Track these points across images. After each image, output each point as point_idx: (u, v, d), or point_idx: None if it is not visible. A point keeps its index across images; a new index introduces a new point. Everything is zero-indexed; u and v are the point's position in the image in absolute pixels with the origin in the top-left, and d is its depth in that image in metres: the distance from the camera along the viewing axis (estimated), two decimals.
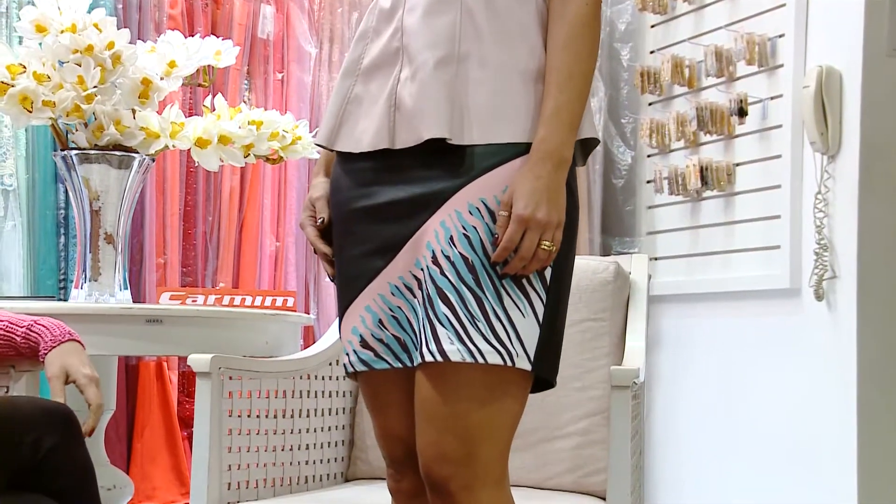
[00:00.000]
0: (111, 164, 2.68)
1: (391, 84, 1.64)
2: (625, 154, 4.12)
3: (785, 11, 3.38)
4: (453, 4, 1.62)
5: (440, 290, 1.58)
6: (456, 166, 1.60)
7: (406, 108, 1.62)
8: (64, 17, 2.55)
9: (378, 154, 1.65)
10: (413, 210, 1.62)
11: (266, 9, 3.84)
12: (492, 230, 1.58)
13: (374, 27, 1.70)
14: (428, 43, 1.62)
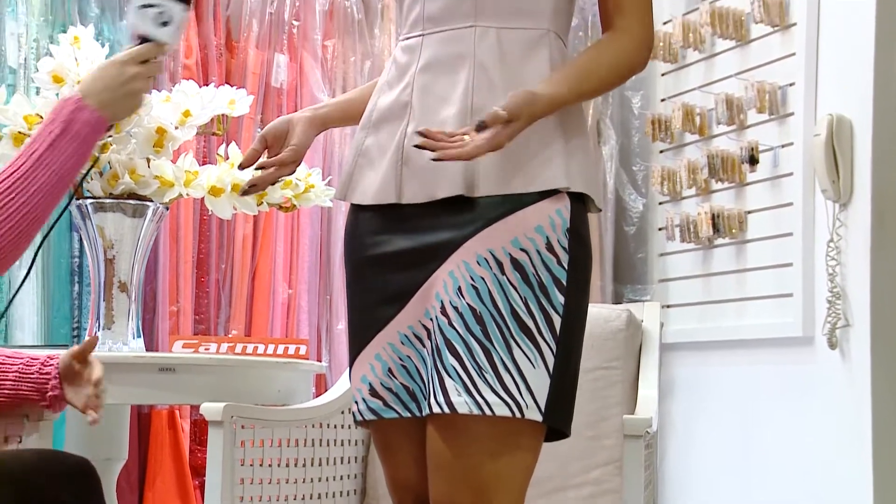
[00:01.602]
0: (126, 213, 2.70)
1: (398, 138, 1.66)
2: (636, 201, 4.13)
3: (795, 60, 3.40)
4: (466, 60, 1.64)
5: (448, 340, 1.58)
6: (464, 216, 1.61)
7: (414, 163, 1.63)
8: (80, 68, 2.58)
9: (386, 205, 1.66)
10: (422, 259, 1.63)
11: (280, 58, 3.88)
12: (500, 281, 1.58)
13: (388, 81, 1.72)
14: (440, 98, 1.64)
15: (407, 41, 1.70)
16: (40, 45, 3.48)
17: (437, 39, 1.66)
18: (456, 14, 1.65)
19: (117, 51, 3.51)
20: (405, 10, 1.71)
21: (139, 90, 1.71)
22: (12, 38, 3.46)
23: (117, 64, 1.70)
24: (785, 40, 3.47)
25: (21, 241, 1.64)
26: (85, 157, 1.68)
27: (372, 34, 3.98)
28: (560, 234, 1.60)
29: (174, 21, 1.69)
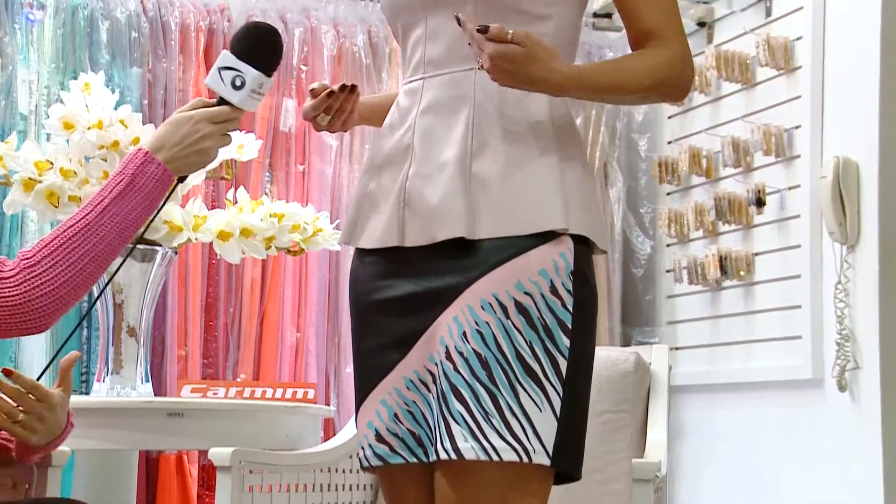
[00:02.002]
0: (135, 258, 2.70)
1: (400, 180, 1.66)
2: (644, 244, 4.13)
3: (801, 103, 3.41)
4: (466, 102, 1.64)
5: (454, 386, 1.58)
6: (467, 260, 1.61)
7: (416, 206, 1.64)
8: (91, 115, 2.60)
9: (390, 248, 1.67)
10: (426, 304, 1.63)
11: (288, 102, 3.90)
12: (504, 326, 1.58)
13: (390, 124, 1.73)
14: (440, 140, 1.65)
15: (409, 85, 1.71)
16: (51, 91, 3.51)
17: (437, 82, 1.67)
18: (456, 57, 1.66)
19: (128, 97, 3.56)
20: (408, 54, 1.73)
21: (209, 148, 1.72)
22: (24, 85, 3.50)
23: (192, 121, 1.71)
24: (790, 83, 3.48)
25: (80, 289, 1.66)
26: (150, 210, 1.70)
27: (380, 78, 4.01)
28: (564, 276, 1.60)
29: (248, 85, 1.69)
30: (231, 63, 1.69)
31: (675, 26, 1.66)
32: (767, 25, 3.57)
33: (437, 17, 1.67)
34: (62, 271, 1.63)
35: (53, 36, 3.58)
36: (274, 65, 1.72)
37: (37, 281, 1.63)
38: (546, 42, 1.57)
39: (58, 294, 1.63)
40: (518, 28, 1.60)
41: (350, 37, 3.98)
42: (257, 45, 1.71)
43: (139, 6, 3.73)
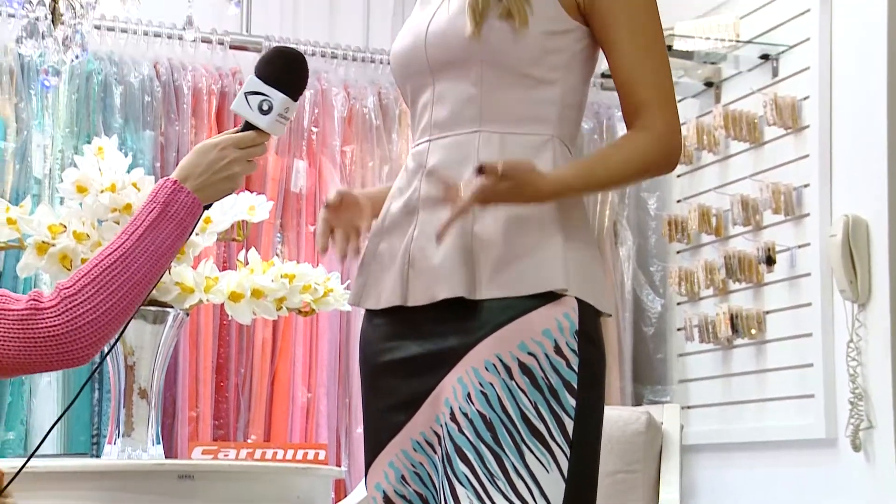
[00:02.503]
0: (146, 320, 2.71)
1: (406, 242, 1.68)
2: (654, 302, 4.13)
3: (809, 162, 3.43)
4: (469, 163, 1.66)
5: (459, 448, 1.58)
6: (471, 321, 1.61)
7: (419, 266, 1.65)
8: (104, 178, 2.63)
9: (396, 310, 1.68)
10: (431, 365, 1.64)
11: (299, 164, 3.93)
12: (509, 386, 1.58)
13: (399, 187, 1.74)
14: (443, 203, 1.66)
15: (416, 148, 1.73)
16: (65, 155, 3.54)
17: (442, 144, 1.69)
18: (461, 120, 1.68)
19: (140, 160, 3.59)
20: (417, 117, 1.75)
21: (237, 174, 1.73)
22: (38, 150, 3.54)
23: (218, 147, 1.72)
24: (798, 142, 3.50)
25: (120, 318, 1.66)
26: (182, 239, 1.71)
27: (390, 139, 4.04)
28: (568, 336, 1.60)
29: (275, 109, 1.69)
30: (258, 88, 1.69)
31: (665, 100, 1.67)
32: (774, 85, 3.59)
33: (445, 81, 1.69)
34: (103, 299, 1.64)
35: (68, 101, 3.62)
36: (300, 89, 1.73)
37: (79, 310, 1.63)
38: (529, 163, 1.60)
39: (100, 323, 1.63)
40: (523, 92, 1.62)
41: (360, 98, 4.02)
42: (284, 69, 1.71)
43: (152, 71, 3.78)
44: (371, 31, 4.26)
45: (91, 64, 3.65)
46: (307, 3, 4.21)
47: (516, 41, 1.64)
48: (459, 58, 1.67)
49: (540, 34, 1.65)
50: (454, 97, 1.68)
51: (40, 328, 1.62)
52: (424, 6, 1.78)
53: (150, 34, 3.81)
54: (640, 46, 1.66)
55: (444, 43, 1.69)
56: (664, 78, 1.68)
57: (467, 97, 1.66)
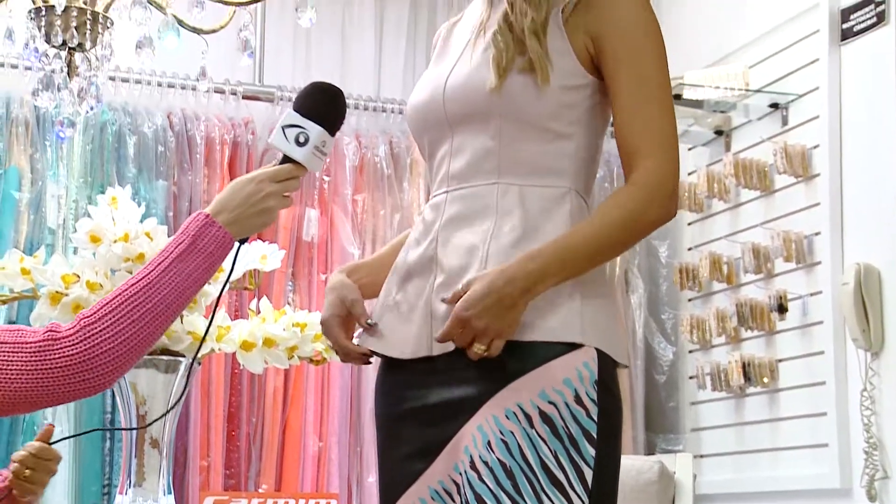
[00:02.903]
0: (158, 369, 2.71)
1: (427, 292, 1.68)
2: (666, 350, 4.12)
3: (820, 210, 3.43)
4: (489, 213, 1.67)
5: (479, 496, 1.58)
6: (490, 370, 1.62)
7: (439, 315, 1.65)
8: (117, 228, 2.64)
9: (413, 359, 1.68)
10: (450, 413, 1.64)
11: (311, 212, 3.95)
12: (529, 435, 1.58)
13: (416, 238, 1.75)
14: (462, 250, 1.67)
15: (434, 199, 1.75)
16: (79, 205, 3.57)
17: (460, 195, 1.70)
18: (479, 172, 1.69)
19: (153, 210, 3.61)
20: (434, 170, 1.77)
21: (272, 208, 1.72)
22: (52, 200, 3.56)
23: (254, 182, 1.71)
24: (809, 190, 3.51)
25: (139, 348, 1.64)
26: (209, 273, 1.69)
27: (401, 188, 4.05)
28: (588, 386, 1.61)
29: (311, 142, 1.69)
30: (295, 121, 1.69)
31: (659, 146, 1.66)
32: (784, 134, 3.60)
33: (463, 133, 1.71)
34: (123, 328, 1.62)
35: (82, 151, 3.65)
36: (337, 123, 1.73)
37: (98, 338, 1.61)
38: (496, 273, 1.60)
39: (118, 351, 1.62)
40: (541, 145, 1.64)
41: (372, 147, 4.05)
42: (320, 102, 1.72)
43: (166, 121, 3.81)
44: (382, 81, 4.29)
45: (105, 115, 3.68)
46: (319, 53, 4.25)
47: (536, 96, 1.66)
48: (479, 111, 1.69)
49: (558, 88, 1.67)
50: (472, 149, 1.69)
51: (57, 357, 1.61)
52: (441, 59, 1.80)
53: (164, 85, 3.85)
54: (641, 95, 1.66)
55: (464, 97, 1.70)
56: (663, 125, 1.67)
57: (486, 150, 1.68)
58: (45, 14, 2.49)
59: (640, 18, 1.68)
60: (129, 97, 3.82)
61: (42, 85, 2.50)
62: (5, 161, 3.58)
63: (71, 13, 2.48)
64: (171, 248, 1.68)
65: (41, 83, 2.50)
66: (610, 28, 1.67)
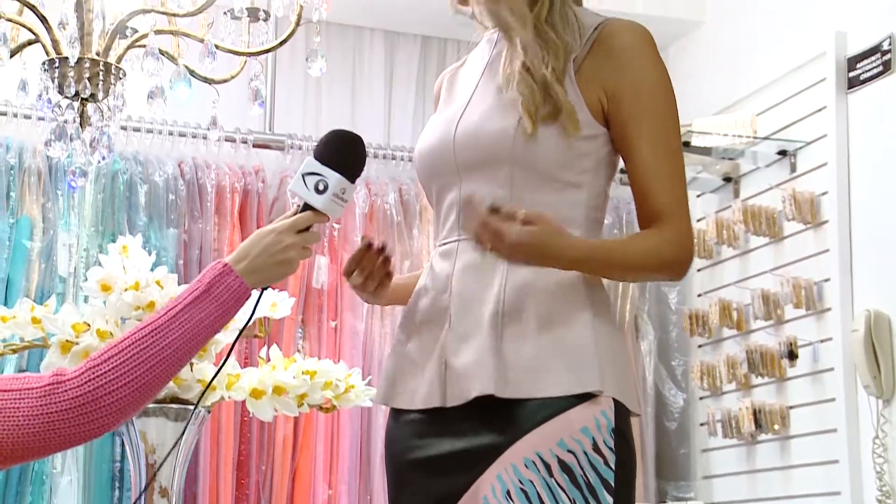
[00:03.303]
0: (168, 417, 2.71)
1: (441, 342, 1.68)
2: (677, 397, 4.11)
3: (829, 257, 3.43)
4: (500, 265, 1.68)
5: None
6: (508, 420, 1.62)
7: (454, 367, 1.66)
8: (128, 276, 2.65)
9: (447, 411, 1.68)
10: (467, 463, 1.63)
11: (321, 259, 3.96)
12: (548, 484, 1.58)
13: (426, 285, 1.76)
14: (476, 302, 1.67)
15: (444, 247, 1.75)
16: (90, 254, 3.58)
17: (472, 245, 1.70)
18: None
19: (164, 258, 3.63)
20: (443, 216, 1.77)
21: (292, 259, 1.72)
22: (64, 249, 3.58)
23: (275, 232, 1.72)
24: (818, 237, 3.51)
25: (144, 393, 1.63)
26: (222, 321, 1.69)
27: (411, 235, 4.07)
28: (606, 434, 1.61)
29: (330, 189, 1.69)
30: (314, 168, 1.70)
31: (680, 210, 1.69)
32: (793, 180, 3.61)
33: (473, 181, 1.71)
34: (129, 371, 1.62)
35: (94, 200, 3.67)
36: (357, 170, 1.73)
37: (102, 380, 1.61)
38: (554, 221, 1.61)
39: (123, 393, 1.61)
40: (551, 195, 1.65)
41: (381, 195, 4.06)
42: (340, 151, 1.72)
43: (177, 170, 3.83)
44: (392, 129, 4.32)
45: (117, 164, 3.71)
46: (329, 102, 4.28)
47: (553, 146, 1.67)
48: (492, 158, 1.70)
49: (570, 139, 1.68)
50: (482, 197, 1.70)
51: (62, 399, 1.60)
52: (448, 104, 1.81)
53: (175, 134, 3.88)
54: (659, 154, 1.68)
55: (476, 143, 1.71)
56: (680, 187, 1.70)
57: (497, 197, 1.68)
58: (58, 66, 2.51)
59: (656, 76, 1.69)
60: (141, 146, 3.85)
61: (55, 135, 2.52)
62: (17, 210, 3.61)
63: (84, 65, 2.51)
64: (184, 295, 1.68)
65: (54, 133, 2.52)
66: (626, 84, 1.68)
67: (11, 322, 2.57)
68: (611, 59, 1.69)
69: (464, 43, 1.93)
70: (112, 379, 1.62)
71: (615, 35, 1.70)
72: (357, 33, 4.34)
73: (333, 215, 1.74)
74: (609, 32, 1.71)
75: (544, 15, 1.71)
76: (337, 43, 4.27)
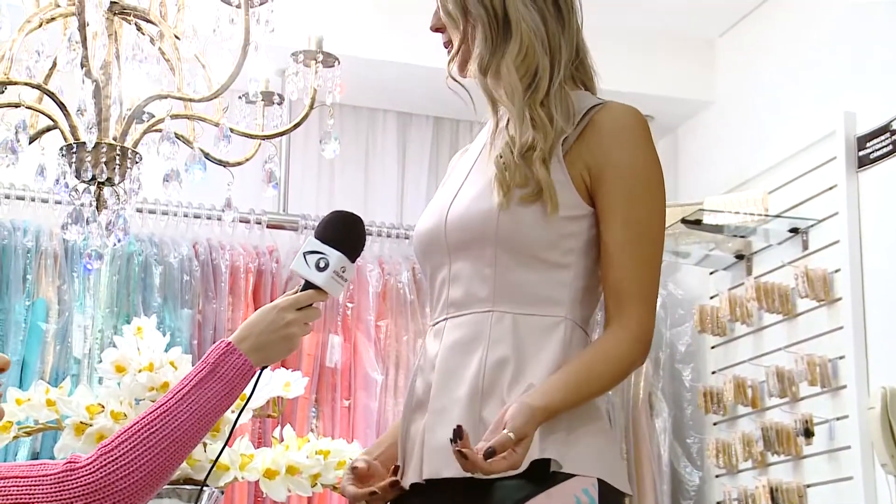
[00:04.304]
0: (181, 498, 2.70)
1: (426, 419, 1.69)
2: (692, 475, 4.08)
3: (843, 334, 3.42)
4: (481, 342, 1.67)
5: None
6: (489, 500, 1.61)
7: (430, 443, 1.66)
8: (142, 357, 2.66)
9: (422, 489, 1.67)
10: None
11: (334, 339, 3.97)
12: None
13: (420, 366, 1.76)
14: (454, 379, 1.67)
15: (435, 326, 1.76)
16: (105, 335, 3.60)
17: (457, 323, 1.70)
18: (475, 299, 1.70)
19: (178, 338, 3.64)
20: (435, 295, 1.78)
21: (295, 335, 1.74)
22: (79, 330, 3.60)
23: (276, 310, 1.74)
24: (832, 314, 3.50)
25: (158, 476, 1.63)
26: (229, 400, 1.70)
27: (423, 313, 4.08)
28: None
29: (331, 266, 1.72)
30: (315, 247, 1.73)
31: (641, 294, 1.66)
32: (805, 258, 3.62)
33: (461, 261, 1.72)
34: (140, 455, 1.62)
35: (109, 282, 3.70)
36: (357, 249, 1.76)
37: (114, 465, 1.61)
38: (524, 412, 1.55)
39: (136, 477, 1.61)
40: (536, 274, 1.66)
41: (395, 274, 4.08)
42: (340, 229, 1.75)
43: (191, 251, 3.86)
44: (405, 208, 4.36)
45: (132, 246, 3.74)
46: (342, 182, 4.33)
47: (537, 225, 1.67)
48: (477, 238, 1.70)
49: (558, 219, 1.67)
50: (470, 276, 1.70)
51: (76, 486, 1.60)
52: (447, 186, 1.83)
53: (190, 216, 3.92)
54: (631, 237, 1.66)
55: (464, 224, 1.71)
56: (647, 272, 1.67)
57: (482, 277, 1.69)
58: (76, 151, 2.55)
59: (639, 162, 1.68)
60: (156, 228, 3.89)
61: (71, 219, 2.54)
62: (34, 293, 3.63)
63: (101, 149, 2.54)
64: (191, 376, 1.70)
65: (70, 217, 2.55)
66: (608, 167, 1.67)
67: (26, 404, 2.58)
68: (599, 139, 1.68)
69: (476, 124, 1.95)
70: (124, 464, 1.62)
71: (607, 116, 1.70)
72: (370, 115, 4.40)
73: (334, 293, 1.76)
74: (602, 114, 1.70)
75: (539, 97, 1.71)
76: (350, 124, 4.33)
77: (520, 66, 1.72)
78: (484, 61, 1.74)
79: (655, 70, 4.14)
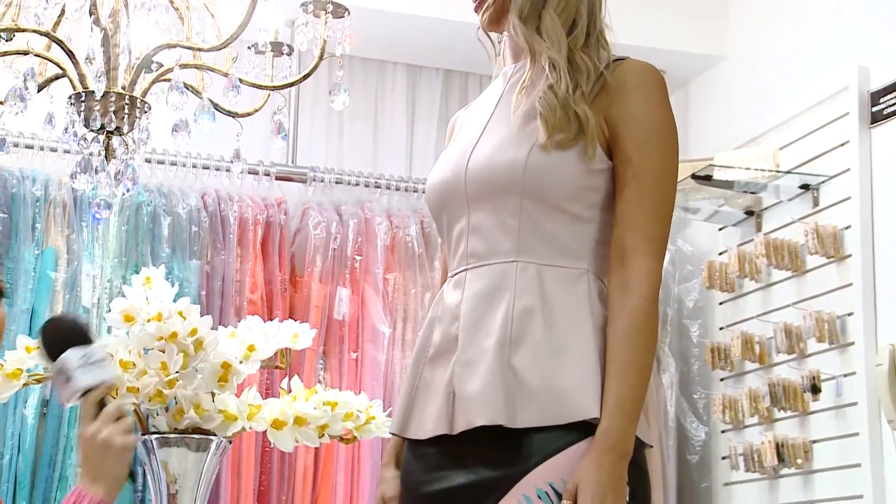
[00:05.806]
0: (189, 448, 2.71)
1: (450, 371, 1.69)
2: (698, 430, 4.09)
3: (852, 290, 3.42)
4: (507, 291, 1.68)
5: None
6: (519, 450, 1.62)
7: (461, 395, 1.66)
8: (151, 307, 2.66)
9: (443, 440, 1.68)
10: (479, 495, 1.64)
11: (342, 291, 3.97)
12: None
13: (438, 316, 1.76)
14: (482, 330, 1.68)
15: (454, 277, 1.76)
16: (114, 285, 3.61)
17: (480, 273, 1.71)
18: (498, 251, 1.71)
19: (186, 289, 3.65)
20: (452, 247, 1.78)
21: (122, 444, 1.82)
22: (88, 280, 3.61)
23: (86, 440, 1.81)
24: (841, 271, 3.50)
25: None
26: None
27: (432, 267, 4.08)
28: None
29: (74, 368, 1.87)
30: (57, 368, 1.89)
31: (647, 248, 1.67)
32: (816, 214, 3.61)
33: (482, 211, 1.73)
34: None
35: (117, 232, 3.70)
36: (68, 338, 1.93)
37: None
38: (587, 469, 1.58)
39: None
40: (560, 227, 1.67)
41: (403, 227, 4.08)
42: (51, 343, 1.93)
43: (199, 202, 3.86)
44: (413, 161, 4.35)
45: (141, 196, 3.74)
46: (351, 135, 4.32)
47: (562, 176, 1.68)
48: (502, 189, 1.70)
49: (582, 171, 1.69)
50: (492, 227, 1.71)
51: None
52: (461, 138, 1.82)
53: (199, 166, 3.91)
54: (640, 187, 1.68)
55: (487, 175, 1.72)
56: (656, 224, 1.68)
57: (506, 228, 1.69)
58: (84, 99, 2.54)
59: (655, 116, 1.71)
60: (165, 178, 3.88)
61: (80, 168, 2.54)
62: (43, 242, 3.64)
63: (110, 98, 2.53)
64: None
65: (79, 166, 2.54)
66: (624, 120, 1.69)
67: (36, 352, 2.59)
68: (617, 93, 1.71)
69: (486, 77, 1.95)
70: None
71: (626, 71, 1.73)
72: (380, 67, 4.38)
73: (106, 376, 1.90)
74: (621, 69, 1.74)
75: (580, 43, 1.75)
76: (360, 76, 4.31)
77: (561, 13, 1.75)
78: (524, 11, 1.76)
79: (668, 25, 4.11)
